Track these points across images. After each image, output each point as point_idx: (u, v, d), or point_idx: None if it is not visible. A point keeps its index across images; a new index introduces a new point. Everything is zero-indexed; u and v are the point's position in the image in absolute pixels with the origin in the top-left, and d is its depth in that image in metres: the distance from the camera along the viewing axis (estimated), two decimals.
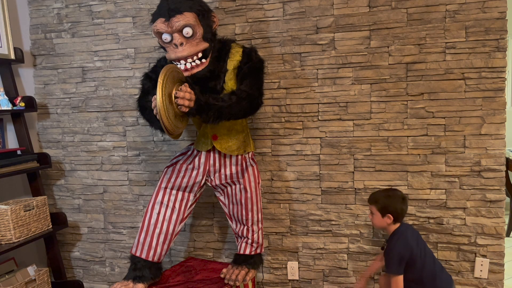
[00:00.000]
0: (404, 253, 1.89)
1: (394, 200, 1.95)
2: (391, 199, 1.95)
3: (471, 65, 2.08)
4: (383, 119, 2.22)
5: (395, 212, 1.94)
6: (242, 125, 2.09)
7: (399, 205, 1.95)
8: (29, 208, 2.37)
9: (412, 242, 1.94)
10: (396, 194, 1.97)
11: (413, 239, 1.94)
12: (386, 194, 1.98)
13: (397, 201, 1.94)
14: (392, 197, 1.96)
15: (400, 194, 1.97)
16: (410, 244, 1.91)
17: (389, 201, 1.95)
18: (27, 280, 2.31)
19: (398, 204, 1.94)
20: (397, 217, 1.95)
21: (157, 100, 1.59)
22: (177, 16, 1.77)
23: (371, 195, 2.03)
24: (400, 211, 1.95)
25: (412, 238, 1.94)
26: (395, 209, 1.94)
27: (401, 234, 1.94)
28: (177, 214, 2.03)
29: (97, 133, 2.69)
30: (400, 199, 1.95)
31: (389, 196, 1.96)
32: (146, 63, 2.54)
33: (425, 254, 1.93)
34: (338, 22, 2.24)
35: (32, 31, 2.73)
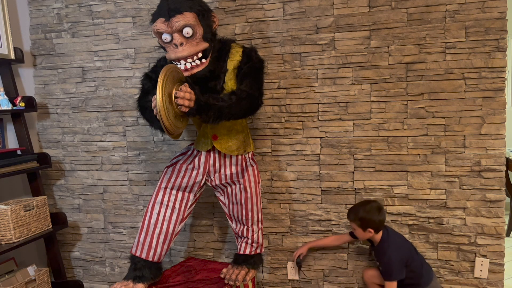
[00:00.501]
0: (403, 256, 2.00)
1: (371, 213, 2.02)
2: (368, 213, 2.02)
3: (471, 65, 2.08)
4: (383, 119, 2.22)
5: (375, 225, 2.02)
6: (242, 125, 2.09)
7: (377, 217, 2.02)
8: (29, 208, 2.37)
9: (402, 243, 2.06)
10: (372, 207, 2.04)
11: (400, 240, 2.07)
12: (363, 209, 2.04)
13: (374, 214, 2.02)
14: (369, 211, 2.02)
15: (376, 205, 2.04)
16: (403, 245, 2.04)
17: (367, 216, 2.02)
18: (27, 280, 2.31)
19: (375, 216, 2.02)
20: (378, 228, 2.04)
21: (157, 100, 1.59)
22: (177, 16, 1.77)
23: (349, 211, 2.10)
24: (379, 223, 2.03)
25: (399, 239, 2.07)
26: (374, 222, 2.02)
27: (391, 241, 2.04)
28: (177, 214, 2.03)
29: (97, 133, 2.69)
30: (377, 211, 2.02)
31: (366, 211, 2.03)
32: (146, 63, 2.54)
33: (410, 248, 2.07)
34: (338, 22, 2.24)
35: (32, 31, 2.73)
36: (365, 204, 2.07)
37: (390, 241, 2.04)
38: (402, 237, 2.11)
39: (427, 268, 2.09)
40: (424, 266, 2.07)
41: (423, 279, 2.03)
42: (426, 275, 2.05)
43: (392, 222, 2.26)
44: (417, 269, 2.04)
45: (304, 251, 2.34)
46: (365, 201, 2.13)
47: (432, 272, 2.10)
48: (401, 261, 1.99)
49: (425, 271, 2.05)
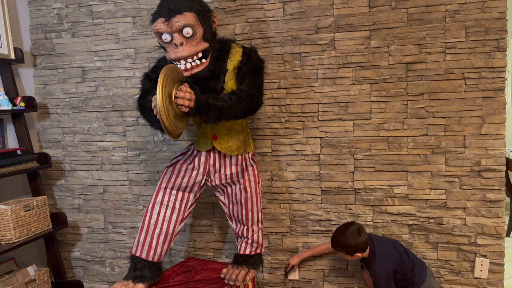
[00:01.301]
0: (389, 267, 2.00)
1: (353, 239, 2.00)
2: (351, 240, 2.00)
3: (471, 65, 2.08)
4: (383, 119, 2.22)
5: (360, 248, 2.01)
6: (242, 125, 2.09)
7: (359, 240, 2.00)
8: (29, 208, 2.37)
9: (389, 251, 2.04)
10: (352, 231, 2.02)
11: (387, 248, 2.05)
12: (344, 237, 2.02)
13: (356, 238, 2.00)
14: (351, 237, 2.00)
15: (355, 228, 2.03)
16: (390, 254, 2.03)
17: (350, 242, 2.00)
18: (27, 280, 2.31)
19: (357, 240, 2.00)
20: (363, 248, 2.03)
21: (157, 100, 1.59)
22: (177, 16, 1.77)
23: (332, 242, 2.08)
24: (363, 244, 2.02)
25: (386, 248, 2.05)
26: (358, 246, 2.01)
27: (378, 253, 2.02)
28: (177, 214, 2.03)
29: (97, 133, 2.69)
30: (357, 234, 2.01)
31: (348, 238, 2.01)
32: (146, 63, 2.54)
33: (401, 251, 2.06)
34: (338, 22, 2.24)
35: (32, 31, 2.73)
36: (345, 231, 2.04)
37: (377, 254, 2.03)
38: (389, 244, 2.08)
39: (419, 265, 2.07)
40: (416, 265, 2.05)
41: (416, 277, 2.03)
42: (419, 273, 2.04)
43: (392, 222, 2.26)
44: (409, 270, 2.03)
45: (296, 263, 2.36)
46: (343, 227, 2.08)
47: (426, 268, 2.08)
48: (388, 272, 1.99)
49: (417, 269, 2.04)
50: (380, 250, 2.03)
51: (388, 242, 2.10)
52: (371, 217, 2.28)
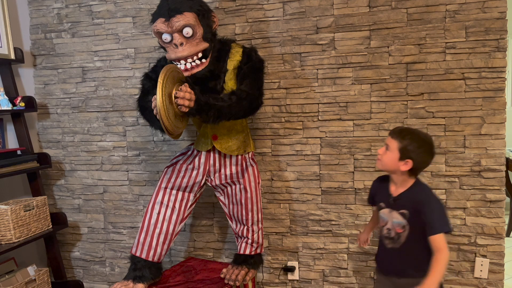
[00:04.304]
0: (443, 203, 1.69)
1: (426, 148, 1.56)
2: (424, 145, 1.56)
3: (471, 65, 2.08)
4: (383, 119, 2.22)
5: (420, 163, 1.57)
6: (242, 125, 2.09)
7: (427, 157, 1.58)
8: (29, 208, 2.37)
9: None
10: (431, 142, 1.59)
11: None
12: (419, 137, 1.57)
13: (428, 152, 1.57)
14: (425, 144, 1.57)
15: (433, 143, 1.60)
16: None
17: (420, 145, 1.55)
18: (27, 280, 2.31)
19: (427, 155, 1.58)
20: (417, 170, 1.60)
21: (157, 100, 1.59)
22: (177, 16, 1.77)
23: (398, 128, 1.64)
24: (425, 164, 1.60)
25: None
26: (421, 160, 1.56)
27: (425, 185, 1.64)
28: (177, 214, 2.03)
29: (97, 133, 2.69)
30: (431, 150, 1.58)
31: (423, 141, 1.57)
32: (146, 63, 2.54)
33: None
34: (338, 22, 2.24)
35: (32, 31, 2.73)
36: (424, 134, 1.61)
37: (425, 186, 1.62)
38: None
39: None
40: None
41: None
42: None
43: None
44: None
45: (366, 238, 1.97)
46: (422, 131, 1.64)
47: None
48: (443, 206, 1.58)
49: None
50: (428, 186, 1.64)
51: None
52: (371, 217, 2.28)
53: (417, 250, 1.60)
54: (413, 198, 1.58)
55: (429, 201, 1.56)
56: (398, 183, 1.63)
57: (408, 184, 1.61)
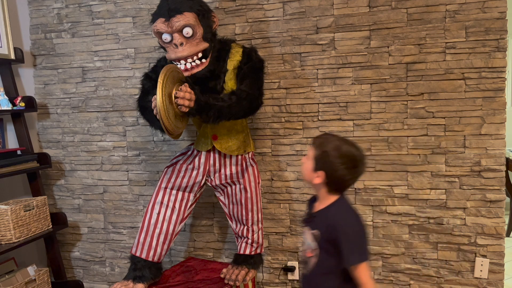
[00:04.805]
0: (363, 228, 1.34)
1: (344, 161, 1.31)
2: (341, 157, 1.31)
3: (471, 65, 2.08)
4: (383, 119, 2.22)
5: (335, 178, 1.33)
6: (242, 125, 2.09)
7: (344, 172, 1.32)
8: (29, 208, 2.37)
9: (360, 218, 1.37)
10: (353, 155, 1.33)
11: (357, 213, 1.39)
12: (338, 147, 1.33)
13: (346, 166, 1.32)
14: (344, 156, 1.31)
15: (357, 157, 1.34)
16: (361, 220, 1.36)
17: (337, 157, 1.32)
18: (27, 280, 2.31)
19: (344, 170, 1.32)
20: (335, 185, 1.36)
21: (157, 100, 1.60)
22: (177, 16, 1.77)
23: (321, 134, 1.47)
24: (342, 180, 1.34)
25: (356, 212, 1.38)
26: (336, 174, 1.32)
27: (347, 205, 1.39)
28: (177, 214, 2.03)
29: (97, 133, 2.69)
30: (352, 164, 1.33)
31: (341, 152, 1.32)
32: (146, 63, 2.54)
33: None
34: (338, 22, 2.24)
35: (32, 31, 2.73)
36: (351, 144, 1.36)
37: (345, 205, 1.38)
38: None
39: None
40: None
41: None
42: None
43: (392, 222, 2.26)
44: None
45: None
46: (352, 142, 1.39)
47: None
48: (359, 233, 1.32)
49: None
50: (349, 205, 1.40)
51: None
52: (371, 217, 2.28)
53: (327, 282, 1.35)
54: (326, 220, 1.35)
55: (343, 226, 1.30)
56: (320, 198, 1.41)
57: (328, 202, 1.37)
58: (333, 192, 1.37)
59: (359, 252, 1.29)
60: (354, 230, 1.32)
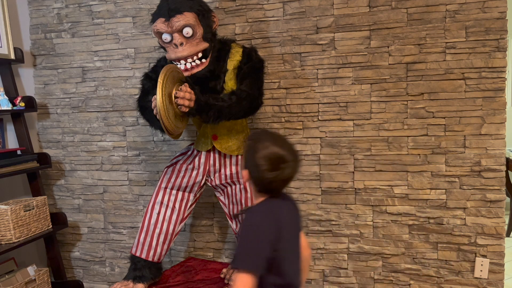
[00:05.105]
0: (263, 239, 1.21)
1: (267, 162, 1.22)
2: (264, 157, 1.22)
3: (471, 65, 2.08)
4: (383, 119, 2.22)
5: (256, 179, 1.26)
6: (242, 125, 2.09)
7: (264, 174, 1.23)
8: (29, 208, 2.37)
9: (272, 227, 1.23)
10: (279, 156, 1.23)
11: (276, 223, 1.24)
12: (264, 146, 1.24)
13: (268, 167, 1.22)
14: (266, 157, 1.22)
15: (283, 158, 1.23)
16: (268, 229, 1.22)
17: (258, 157, 1.23)
18: (27, 280, 2.31)
19: (264, 171, 1.22)
20: (259, 186, 1.28)
21: (157, 100, 1.60)
22: (177, 16, 1.77)
23: (255, 133, 1.37)
24: (262, 181, 1.25)
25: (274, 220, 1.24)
26: (256, 175, 1.25)
27: (264, 210, 1.27)
28: (177, 214, 2.03)
29: (97, 133, 2.69)
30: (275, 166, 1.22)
31: (265, 152, 1.23)
32: (146, 63, 2.54)
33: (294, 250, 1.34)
34: (338, 22, 2.24)
35: (32, 31, 2.73)
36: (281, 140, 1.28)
37: (258, 211, 1.26)
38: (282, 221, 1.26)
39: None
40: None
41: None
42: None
43: (392, 222, 2.26)
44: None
45: None
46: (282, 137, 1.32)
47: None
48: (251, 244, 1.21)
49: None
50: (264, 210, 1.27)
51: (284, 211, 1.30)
52: (371, 217, 2.28)
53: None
54: (243, 220, 1.28)
55: (243, 228, 1.25)
56: (254, 197, 1.34)
57: (256, 202, 1.31)
58: (260, 192, 1.29)
59: (243, 259, 1.20)
60: (249, 236, 1.22)
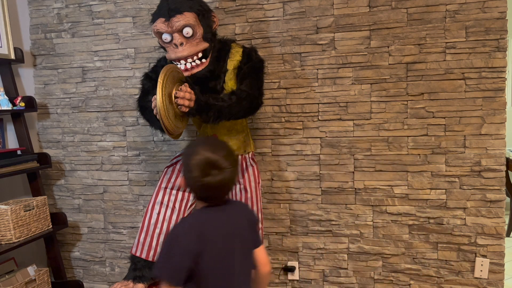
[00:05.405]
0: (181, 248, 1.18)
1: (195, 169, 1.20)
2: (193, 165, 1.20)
3: (471, 65, 2.08)
4: (383, 119, 2.22)
5: (189, 186, 1.24)
6: (242, 125, 2.09)
7: (192, 182, 1.22)
8: (29, 208, 2.37)
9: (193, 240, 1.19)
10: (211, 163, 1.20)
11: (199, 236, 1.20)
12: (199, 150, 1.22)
13: (195, 174, 1.19)
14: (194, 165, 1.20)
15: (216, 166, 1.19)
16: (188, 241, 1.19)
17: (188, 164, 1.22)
18: (27, 280, 2.31)
19: (192, 180, 1.21)
20: (195, 194, 1.26)
21: (157, 100, 1.60)
22: (177, 16, 1.77)
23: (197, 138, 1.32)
24: (193, 189, 1.24)
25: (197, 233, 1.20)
26: (188, 182, 1.23)
27: (193, 219, 1.28)
28: (177, 214, 2.03)
29: (97, 133, 2.69)
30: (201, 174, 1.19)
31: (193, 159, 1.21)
32: (146, 63, 2.54)
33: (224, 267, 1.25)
34: (338, 22, 2.24)
35: (32, 31, 2.73)
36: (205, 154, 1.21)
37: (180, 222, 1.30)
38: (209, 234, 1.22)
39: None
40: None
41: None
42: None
43: (392, 222, 2.26)
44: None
45: None
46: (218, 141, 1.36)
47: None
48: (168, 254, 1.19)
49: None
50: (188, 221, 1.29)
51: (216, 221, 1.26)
52: (371, 217, 2.28)
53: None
54: None
55: (165, 237, 1.26)
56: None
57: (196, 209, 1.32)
58: (199, 200, 1.29)
59: (161, 268, 1.20)
60: (168, 246, 1.21)
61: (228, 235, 1.27)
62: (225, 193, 1.29)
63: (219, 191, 1.26)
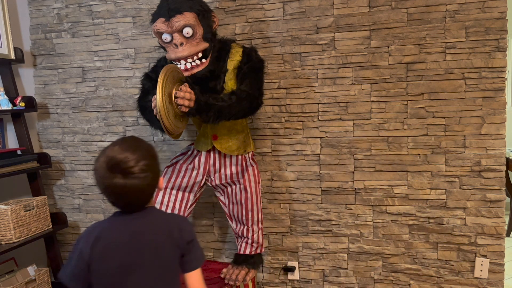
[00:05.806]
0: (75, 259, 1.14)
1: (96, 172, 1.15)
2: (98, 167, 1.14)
3: (471, 65, 2.08)
4: (383, 119, 2.22)
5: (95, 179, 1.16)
6: (242, 125, 2.09)
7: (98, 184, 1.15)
8: (29, 208, 2.37)
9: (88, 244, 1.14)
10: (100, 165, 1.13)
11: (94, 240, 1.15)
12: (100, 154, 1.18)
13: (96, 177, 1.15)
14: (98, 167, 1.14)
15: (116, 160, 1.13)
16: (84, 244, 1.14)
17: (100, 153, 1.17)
18: (27, 280, 2.31)
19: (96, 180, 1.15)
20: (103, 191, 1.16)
21: (157, 100, 1.60)
22: (177, 16, 1.77)
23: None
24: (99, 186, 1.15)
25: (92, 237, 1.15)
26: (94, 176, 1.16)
27: (94, 226, 1.23)
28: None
29: (97, 133, 2.69)
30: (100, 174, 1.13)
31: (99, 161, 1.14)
32: (146, 63, 2.54)
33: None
34: (338, 22, 2.24)
35: (32, 31, 2.73)
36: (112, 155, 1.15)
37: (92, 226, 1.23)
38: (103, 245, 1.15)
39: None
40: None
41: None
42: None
43: (392, 222, 2.26)
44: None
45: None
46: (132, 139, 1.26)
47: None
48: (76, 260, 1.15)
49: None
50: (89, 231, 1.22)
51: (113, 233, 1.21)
52: (371, 217, 2.28)
53: None
54: None
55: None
56: None
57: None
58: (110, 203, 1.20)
59: (62, 269, 1.18)
60: (73, 247, 1.20)
61: (128, 248, 1.13)
62: (137, 201, 1.15)
63: (126, 197, 1.15)
